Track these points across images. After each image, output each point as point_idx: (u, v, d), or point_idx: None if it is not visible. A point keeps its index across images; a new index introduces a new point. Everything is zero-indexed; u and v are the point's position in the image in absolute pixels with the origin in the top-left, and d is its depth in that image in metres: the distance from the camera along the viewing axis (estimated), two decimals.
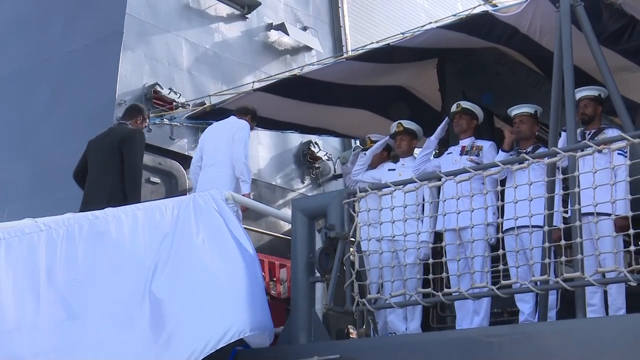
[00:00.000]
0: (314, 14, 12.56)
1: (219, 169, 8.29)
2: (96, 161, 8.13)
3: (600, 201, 5.86)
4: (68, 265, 6.74)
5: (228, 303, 6.51)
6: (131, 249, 6.71)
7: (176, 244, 6.68)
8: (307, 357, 6.36)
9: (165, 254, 6.61)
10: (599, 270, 5.87)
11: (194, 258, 6.67)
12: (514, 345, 5.73)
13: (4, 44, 11.41)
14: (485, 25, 7.92)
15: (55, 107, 10.33)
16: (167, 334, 6.33)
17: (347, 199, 6.96)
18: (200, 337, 6.29)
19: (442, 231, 7.13)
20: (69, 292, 6.66)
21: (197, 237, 6.75)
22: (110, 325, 6.46)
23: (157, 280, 6.52)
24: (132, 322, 6.35)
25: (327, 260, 6.95)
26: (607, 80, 6.70)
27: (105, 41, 10.09)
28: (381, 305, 6.89)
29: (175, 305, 6.46)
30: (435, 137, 8.21)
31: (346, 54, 10.23)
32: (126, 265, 6.68)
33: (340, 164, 12.05)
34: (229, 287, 6.58)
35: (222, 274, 6.61)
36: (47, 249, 6.71)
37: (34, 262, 6.64)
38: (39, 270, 6.62)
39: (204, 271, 6.60)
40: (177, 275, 6.56)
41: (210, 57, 10.89)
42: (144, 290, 6.46)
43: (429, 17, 10.18)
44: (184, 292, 6.50)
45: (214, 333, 6.33)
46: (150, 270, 6.53)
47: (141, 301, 6.43)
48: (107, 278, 6.67)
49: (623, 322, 5.82)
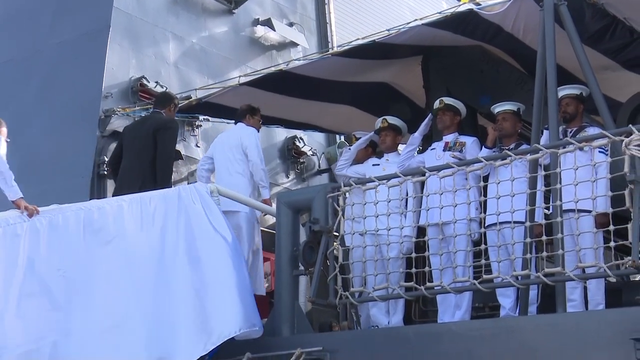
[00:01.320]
0: (301, 10, 12.51)
1: (234, 177, 8.24)
2: (131, 148, 8.29)
3: (581, 197, 5.88)
4: (51, 256, 6.68)
5: (220, 302, 6.49)
6: (119, 241, 6.64)
7: (168, 237, 6.65)
8: (291, 349, 6.35)
9: (159, 248, 6.57)
10: (579, 265, 5.88)
11: (185, 253, 6.64)
12: (495, 339, 5.75)
13: None
14: (469, 23, 7.91)
15: (44, 99, 10.23)
16: (165, 335, 6.30)
17: (332, 193, 6.95)
18: (198, 338, 6.29)
19: (425, 226, 7.15)
20: (53, 282, 6.60)
21: (182, 230, 6.74)
22: (101, 319, 6.39)
23: (153, 276, 6.47)
24: (125, 319, 6.29)
25: (311, 254, 6.94)
26: (589, 78, 6.71)
27: (93, 34, 9.99)
28: (364, 299, 6.88)
29: (172, 303, 6.43)
30: (419, 133, 8.20)
31: (332, 50, 10.18)
32: (116, 257, 6.60)
33: (325, 159, 12.03)
34: (219, 285, 6.56)
35: (209, 271, 6.59)
36: (30, 239, 6.63)
37: (16, 253, 6.56)
38: (22, 261, 6.54)
39: (194, 269, 6.58)
40: (171, 271, 6.53)
41: (196, 51, 10.83)
42: (138, 285, 6.41)
43: (414, 15, 10.13)
44: (178, 290, 6.47)
45: (208, 335, 6.32)
46: (144, 264, 6.48)
47: (136, 297, 6.38)
48: (94, 270, 6.60)
49: (602, 316, 5.84)
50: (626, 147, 5.62)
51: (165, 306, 6.44)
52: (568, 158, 6.24)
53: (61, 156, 9.51)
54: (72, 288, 6.52)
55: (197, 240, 6.72)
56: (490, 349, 5.74)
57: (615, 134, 5.85)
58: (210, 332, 6.32)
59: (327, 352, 6.36)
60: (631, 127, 5.72)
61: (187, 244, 6.69)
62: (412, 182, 7.11)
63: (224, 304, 6.46)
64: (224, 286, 6.56)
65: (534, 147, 6.28)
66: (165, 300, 6.45)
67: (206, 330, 6.33)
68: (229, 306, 6.46)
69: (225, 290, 6.53)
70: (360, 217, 6.99)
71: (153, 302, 6.48)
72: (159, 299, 6.47)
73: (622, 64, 8.33)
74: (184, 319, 6.38)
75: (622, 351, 5.20)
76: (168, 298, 6.46)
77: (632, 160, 5.59)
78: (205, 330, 6.33)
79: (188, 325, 6.35)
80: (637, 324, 5.20)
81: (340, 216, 6.85)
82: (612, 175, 5.94)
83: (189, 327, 6.34)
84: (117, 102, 9.67)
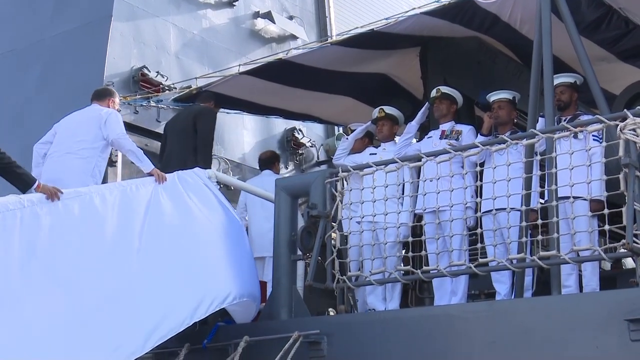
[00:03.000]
0: (300, 3, 12.52)
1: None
2: (172, 137, 8.66)
3: (576, 182, 5.88)
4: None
5: (226, 269, 6.55)
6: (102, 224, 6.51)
7: (164, 213, 6.63)
8: (288, 332, 6.34)
9: (152, 224, 6.53)
10: (574, 248, 5.87)
11: (189, 226, 6.64)
12: (491, 321, 5.74)
13: None
14: (467, 13, 7.89)
15: (45, 88, 10.22)
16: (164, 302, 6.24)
17: (330, 178, 6.94)
18: (202, 298, 6.26)
19: (422, 212, 7.15)
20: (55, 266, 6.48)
21: (191, 205, 6.75)
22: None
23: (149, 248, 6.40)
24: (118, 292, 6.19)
25: (308, 239, 6.94)
26: (586, 68, 6.69)
27: (95, 24, 9.98)
28: (361, 283, 6.87)
29: (173, 271, 6.38)
30: (416, 121, 8.18)
31: (331, 39, 10.17)
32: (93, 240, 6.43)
33: (324, 151, 12.03)
34: (225, 253, 6.61)
35: (219, 241, 6.65)
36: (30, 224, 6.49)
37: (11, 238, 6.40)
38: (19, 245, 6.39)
39: (202, 238, 6.61)
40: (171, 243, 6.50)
41: (197, 42, 10.82)
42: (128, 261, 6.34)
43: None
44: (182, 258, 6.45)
45: (215, 295, 6.32)
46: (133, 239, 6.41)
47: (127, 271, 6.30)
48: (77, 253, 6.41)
49: (596, 298, 5.84)
50: (621, 132, 5.62)
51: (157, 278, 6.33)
52: (563, 145, 6.24)
53: None
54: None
55: (209, 215, 6.76)
56: (486, 331, 5.73)
57: (610, 118, 5.84)
58: (201, 301, 6.28)
59: (324, 335, 6.34)
60: (626, 111, 5.71)
61: (199, 218, 6.71)
62: (409, 168, 7.11)
63: (219, 273, 6.47)
64: (235, 257, 6.64)
65: (530, 132, 6.28)
66: (158, 272, 6.35)
67: (196, 298, 6.29)
68: (239, 275, 6.56)
69: (236, 260, 6.63)
70: (358, 202, 6.98)
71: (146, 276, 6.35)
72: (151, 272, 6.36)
73: (618, 55, 8.33)
74: (174, 287, 6.31)
75: (616, 332, 5.19)
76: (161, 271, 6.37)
77: (626, 144, 5.58)
78: (196, 298, 6.29)
79: (178, 293, 6.29)
80: (630, 305, 5.19)
81: (338, 201, 6.84)
82: (607, 159, 5.93)
83: (180, 294, 6.28)
84: (119, 91, 9.52)
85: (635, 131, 5.56)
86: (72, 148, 7.21)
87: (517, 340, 5.60)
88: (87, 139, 7.22)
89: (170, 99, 9.67)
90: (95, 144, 7.21)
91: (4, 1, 11.29)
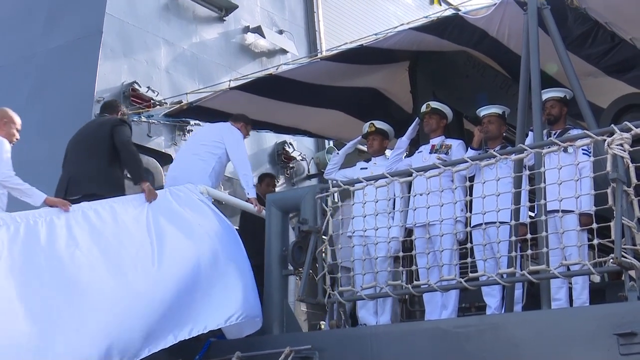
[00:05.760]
0: (290, 18, 12.54)
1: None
2: None
3: (564, 196, 5.88)
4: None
5: (229, 287, 6.59)
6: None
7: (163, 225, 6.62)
8: (280, 347, 6.31)
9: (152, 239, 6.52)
10: (563, 263, 5.87)
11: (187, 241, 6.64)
12: (481, 335, 5.72)
13: None
14: (455, 28, 7.91)
15: (36, 104, 10.18)
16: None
17: (320, 194, 6.93)
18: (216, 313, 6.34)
19: (412, 226, 7.15)
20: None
21: (190, 219, 6.78)
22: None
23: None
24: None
25: (299, 254, 6.92)
26: (573, 82, 6.73)
27: (86, 40, 9.97)
28: (352, 297, 6.85)
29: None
30: (407, 137, 8.20)
31: (320, 54, 10.17)
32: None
33: (314, 164, 12.03)
34: (229, 270, 6.65)
35: (221, 256, 6.70)
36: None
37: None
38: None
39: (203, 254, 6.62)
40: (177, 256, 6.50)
41: (187, 57, 10.82)
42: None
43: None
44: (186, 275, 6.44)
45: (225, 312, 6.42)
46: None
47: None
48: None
49: (586, 312, 5.84)
50: (608, 147, 5.62)
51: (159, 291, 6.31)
52: (552, 159, 6.25)
53: (54, 160, 9.44)
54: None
55: (195, 230, 6.76)
56: (476, 345, 5.72)
57: (598, 134, 5.86)
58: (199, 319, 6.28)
59: (315, 350, 6.31)
60: (613, 126, 5.72)
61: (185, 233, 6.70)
62: (400, 183, 7.11)
63: (224, 291, 6.48)
64: (238, 274, 6.66)
65: (519, 147, 6.29)
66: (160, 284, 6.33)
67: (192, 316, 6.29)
68: (245, 292, 6.59)
69: (240, 277, 6.65)
70: (349, 217, 6.98)
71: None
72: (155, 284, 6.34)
73: (604, 70, 8.36)
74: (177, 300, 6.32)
75: (605, 346, 5.18)
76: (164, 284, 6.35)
77: (614, 159, 5.59)
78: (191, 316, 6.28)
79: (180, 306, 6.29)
80: (620, 319, 5.18)
81: (329, 216, 6.83)
82: (595, 174, 5.94)
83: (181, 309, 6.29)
84: None
85: (623, 146, 5.56)
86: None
87: (507, 355, 5.59)
88: None
89: (161, 114, 9.66)
90: None
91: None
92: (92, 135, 7.39)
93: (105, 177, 7.18)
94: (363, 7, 13.57)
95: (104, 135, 7.26)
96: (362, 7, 13.57)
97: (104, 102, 8.35)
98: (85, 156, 7.28)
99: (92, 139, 7.35)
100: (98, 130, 7.38)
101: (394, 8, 14.13)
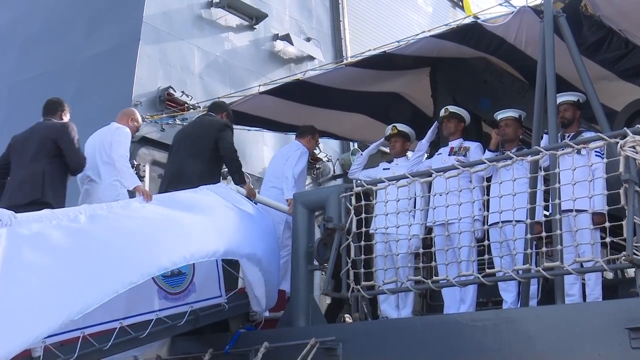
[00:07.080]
0: (317, 26, 12.60)
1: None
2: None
3: (578, 196, 5.86)
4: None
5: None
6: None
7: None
8: (306, 338, 6.35)
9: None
10: (577, 259, 5.85)
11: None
12: (497, 329, 5.72)
13: (33, 49, 11.45)
14: (474, 35, 7.91)
15: (77, 109, 10.29)
16: None
17: (344, 193, 6.96)
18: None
19: (432, 225, 7.16)
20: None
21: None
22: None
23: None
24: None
25: (324, 250, 6.95)
26: (587, 86, 6.69)
27: (124, 47, 10.12)
28: (375, 292, 6.87)
29: None
30: (426, 140, 8.22)
31: (346, 61, 10.21)
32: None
33: (339, 165, 12.06)
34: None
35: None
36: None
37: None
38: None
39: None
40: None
41: (220, 63, 10.92)
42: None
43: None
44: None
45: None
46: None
47: None
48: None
49: (599, 307, 5.81)
50: (621, 149, 5.59)
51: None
52: (566, 161, 6.23)
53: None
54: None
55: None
56: (492, 338, 5.71)
57: (611, 136, 5.83)
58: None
59: (339, 341, 6.34)
60: (626, 129, 5.69)
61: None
62: (420, 183, 7.12)
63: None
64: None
65: (535, 149, 6.27)
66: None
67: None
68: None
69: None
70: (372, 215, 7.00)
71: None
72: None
73: (619, 74, 8.29)
74: None
75: (617, 340, 5.15)
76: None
77: (626, 160, 5.56)
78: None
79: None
80: (632, 314, 5.15)
81: (352, 215, 6.86)
82: (608, 175, 5.91)
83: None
84: (146, 110, 9.76)
85: (635, 148, 5.53)
86: None
87: (522, 348, 5.58)
88: None
89: (194, 117, 9.73)
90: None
91: (39, 26, 11.44)
92: (200, 135, 7.61)
93: (209, 175, 7.38)
94: (386, 15, 13.60)
95: (210, 136, 7.50)
96: (385, 15, 13.59)
97: (212, 102, 8.51)
98: (190, 153, 7.52)
99: (200, 138, 7.58)
100: (206, 132, 7.59)
101: (416, 17, 14.14)
